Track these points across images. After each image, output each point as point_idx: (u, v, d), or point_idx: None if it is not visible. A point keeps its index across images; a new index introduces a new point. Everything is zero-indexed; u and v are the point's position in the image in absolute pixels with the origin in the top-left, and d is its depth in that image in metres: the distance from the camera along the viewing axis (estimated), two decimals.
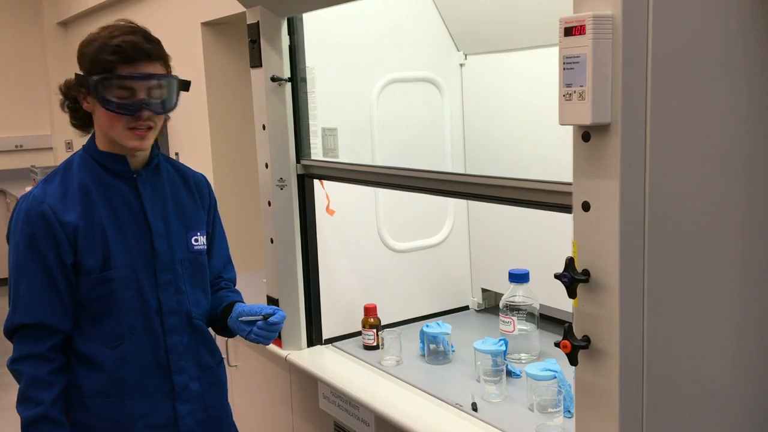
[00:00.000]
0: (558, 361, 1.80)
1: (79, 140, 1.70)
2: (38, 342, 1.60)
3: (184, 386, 1.72)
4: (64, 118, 1.78)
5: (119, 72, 1.56)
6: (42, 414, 1.57)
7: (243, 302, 1.84)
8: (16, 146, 6.81)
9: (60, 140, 6.81)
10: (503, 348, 1.93)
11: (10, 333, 1.62)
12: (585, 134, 1.16)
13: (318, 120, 2.22)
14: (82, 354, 1.64)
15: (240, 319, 1.74)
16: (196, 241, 1.76)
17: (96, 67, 1.58)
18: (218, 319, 1.82)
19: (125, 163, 1.67)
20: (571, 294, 1.21)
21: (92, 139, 1.70)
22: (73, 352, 1.65)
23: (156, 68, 1.60)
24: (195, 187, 1.81)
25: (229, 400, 1.88)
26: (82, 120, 1.71)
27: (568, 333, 1.22)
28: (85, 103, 1.64)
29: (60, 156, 6.79)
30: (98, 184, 1.65)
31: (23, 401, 1.59)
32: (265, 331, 1.73)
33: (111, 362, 1.64)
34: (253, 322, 1.73)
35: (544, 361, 1.83)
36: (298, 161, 2.20)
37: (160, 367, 1.69)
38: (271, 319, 1.72)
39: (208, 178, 1.89)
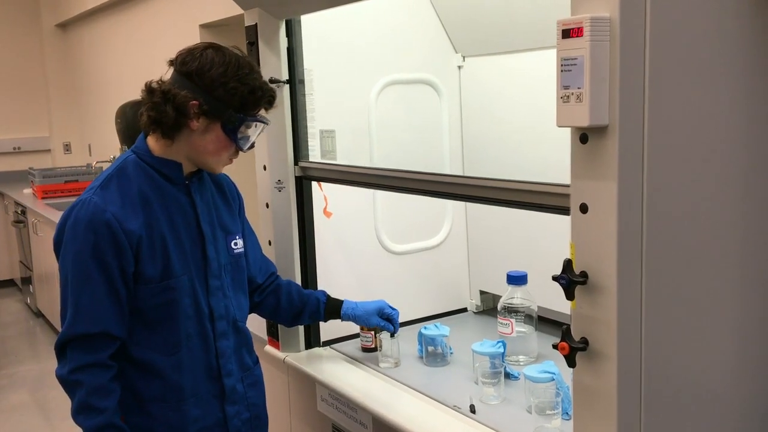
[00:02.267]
0: (556, 363, 1.80)
1: (78, 143, 1.71)
2: (99, 350, 1.60)
3: (232, 388, 1.77)
4: (63, 120, 1.79)
5: (258, 115, 1.66)
6: (107, 422, 1.58)
7: (327, 298, 2.04)
8: (14, 148, 6.81)
9: (58, 142, 6.80)
10: (501, 350, 1.93)
11: (65, 342, 1.60)
12: (583, 136, 1.16)
13: (316, 122, 2.22)
14: (137, 360, 1.66)
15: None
16: (236, 244, 1.81)
17: (241, 105, 1.62)
18: (318, 315, 2.03)
19: (181, 171, 1.69)
20: (569, 296, 1.21)
21: (144, 144, 1.69)
22: (126, 358, 1.65)
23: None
24: (227, 190, 1.86)
25: None
26: (167, 128, 1.62)
27: (566, 335, 1.22)
28: (195, 122, 1.61)
29: (58, 158, 6.79)
30: (156, 191, 1.66)
31: (84, 410, 1.59)
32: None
33: (168, 369, 1.67)
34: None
35: (542, 363, 1.83)
36: (296, 163, 2.19)
37: (210, 372, 1.73)
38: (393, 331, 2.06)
39: None
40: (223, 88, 1.59)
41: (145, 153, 1.68)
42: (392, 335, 2.07)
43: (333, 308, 2.04)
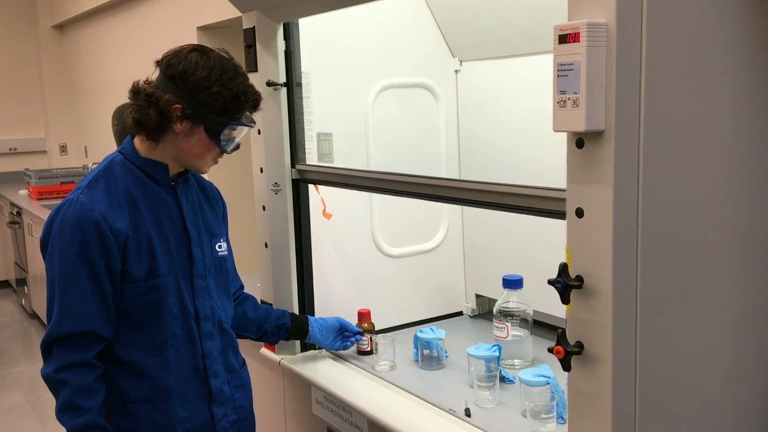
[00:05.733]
0: (551, 366, 1.80)
1: (74, 145, 1.71)
2: (84, 350, 1.60)
3: (219, 390, 1.77)
4: (59, 121, 1.80)
5: (241, 119, 1.65)
6: (90, 422, 1.58)
7: (291, 315, 2.09)
8: (10, 149, 6.80)
9: (54, 143, 6.79)
10: (497, 354, 1.93)
11: (51, 341, 1.60)
12: (579, 141, 1.16)
13: (313, 125, 2.23)
14: (122, 360, 1.66)
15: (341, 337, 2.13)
16: (220, 247, 1.82)
17: (224, 109, 1.62)
18: (279, 334, 2.06)
19: (167, 172, 1.69)
20: (565, 300, 1.21)
21: (131, 145, 1.70)
22: (111, 358, 1.66)
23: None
24: (212, 194, 1.87)
25: None
26: (150, 130, 1.64)
27: (561, 339, 1.22)
28: (178, 125, 1.62)
29: (54, 159, 6.78)
30: (142, 191, 1.67)
31: (68, 410, 1.59)
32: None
33: (154, 369, 1.67)
34: (348, 337, 2.14)
35: (538, 367, 1.84)
36: (293, 166, 2.20)
37: (197, 372, 1.74)
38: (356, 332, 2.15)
39: None
40: (206, 92, 1.60)
41: (132, 154, 1.69)
42: (362, 334, 2.16)
43: (299, 317, 2.10)
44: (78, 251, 1.58)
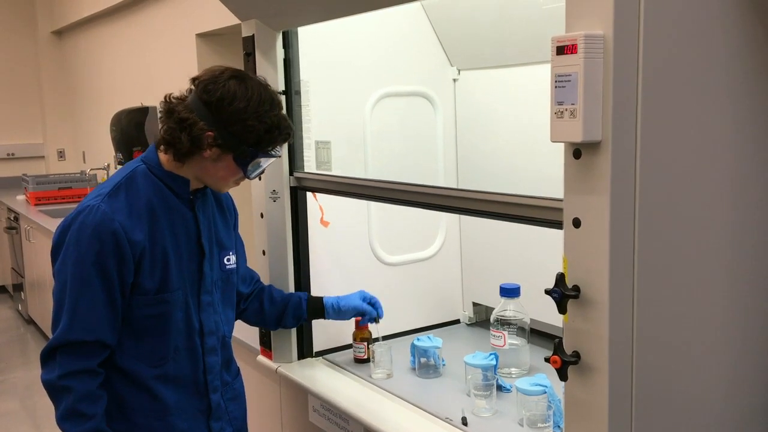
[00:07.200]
0: (548, 376, 1.81)
1: (72, 150, 1.71)
2: (90, 357, 1.60)
3: (217, 404, 1.77)
4: (57, 126, 1.80)
5: (272, 151, 1.67)
6: (95, 428, 1.58)
7: (306, 296, 2.08)
8: (8, 154, 6.80)
9: (52, 149, 6.80)
10: (494, 362, 1.94)
11: (56, 347, 1.59)
12: (576, 151, 1.17)
13: (311, 133, 2.23)
14: (122, 369, 1.65)
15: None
16: (228, 260, 1.81)
17: (256, 142, 1.61)
18: (300, 311, 2.05)
19: (188, 186, 1.69)
20: (561, 309, 1.21)
21: (155, 156, 1.68)
22: (112, 366, 1.65)
23: None
24: (225, 204, 1.87)
25: None
26: (180, 154, 1.63)
27: (558, 348, 1.22)
28: (209, 150, 1.61)
29: (52, 165, 6.78)
30: (162, 203, 1.66)
31: (72, 417, 1.58)
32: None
33: (153, 380, 1.67)
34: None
35: (534, 376, 1.84)
36: (291, 173, 2.20)
37: (197, 387, 1.74)
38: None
39: None
40: (240, 124, 1.58)
41: (156, 165, 1.68)
42: (377, 320, 2.10)
43: (315, 303, 2.07)
44: (94, 260, 1.57)
